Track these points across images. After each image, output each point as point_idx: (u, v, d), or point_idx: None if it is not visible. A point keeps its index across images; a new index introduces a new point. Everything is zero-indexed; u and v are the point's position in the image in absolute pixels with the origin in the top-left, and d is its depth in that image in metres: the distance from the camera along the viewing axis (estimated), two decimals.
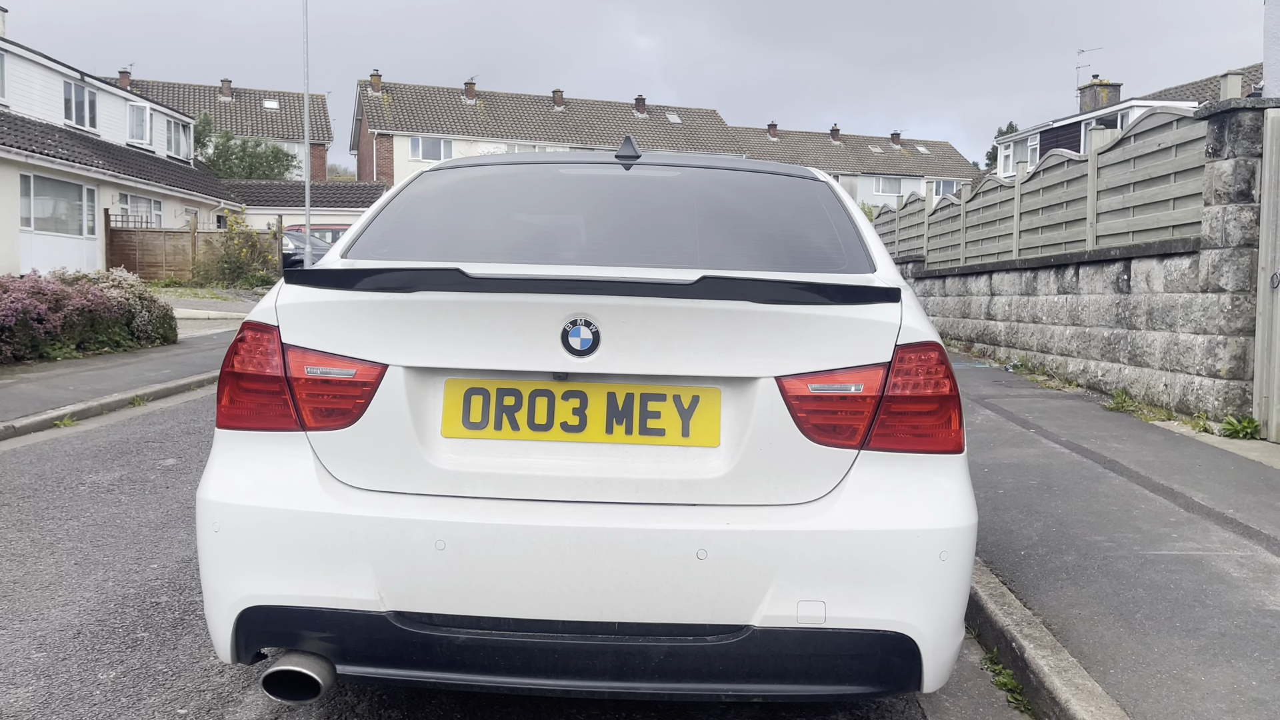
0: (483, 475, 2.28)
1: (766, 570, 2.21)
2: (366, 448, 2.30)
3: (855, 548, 2.24)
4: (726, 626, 2.23)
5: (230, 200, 34.77)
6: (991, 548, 4.20)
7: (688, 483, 2.27)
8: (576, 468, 2.28)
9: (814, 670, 2.27)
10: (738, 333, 2.26)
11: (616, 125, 58.68)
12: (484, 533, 2.20)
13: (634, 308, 2.25)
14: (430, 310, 2.27)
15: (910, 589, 2.26)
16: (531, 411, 2.31)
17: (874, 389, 2.29)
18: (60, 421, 7.48)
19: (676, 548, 2.20)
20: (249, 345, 2.39)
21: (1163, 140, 7.88)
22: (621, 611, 2.22)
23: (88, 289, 11.46)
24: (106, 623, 3.51)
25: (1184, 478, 5.41)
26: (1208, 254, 6.98)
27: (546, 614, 2.22)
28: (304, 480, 2.30)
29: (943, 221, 15.04)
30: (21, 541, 4.47)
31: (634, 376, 2.30)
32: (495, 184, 3.32)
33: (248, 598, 2.29)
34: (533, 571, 2.20)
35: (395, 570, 2.22)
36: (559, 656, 2.25)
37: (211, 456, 2.46)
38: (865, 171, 66.09)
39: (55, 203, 24.33)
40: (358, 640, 2.26)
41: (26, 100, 24.85)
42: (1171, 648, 3.14)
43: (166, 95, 51.00)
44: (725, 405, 2.31)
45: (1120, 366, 8.31)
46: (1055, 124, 38.90)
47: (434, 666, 2.27)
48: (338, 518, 2.24)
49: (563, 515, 2.23)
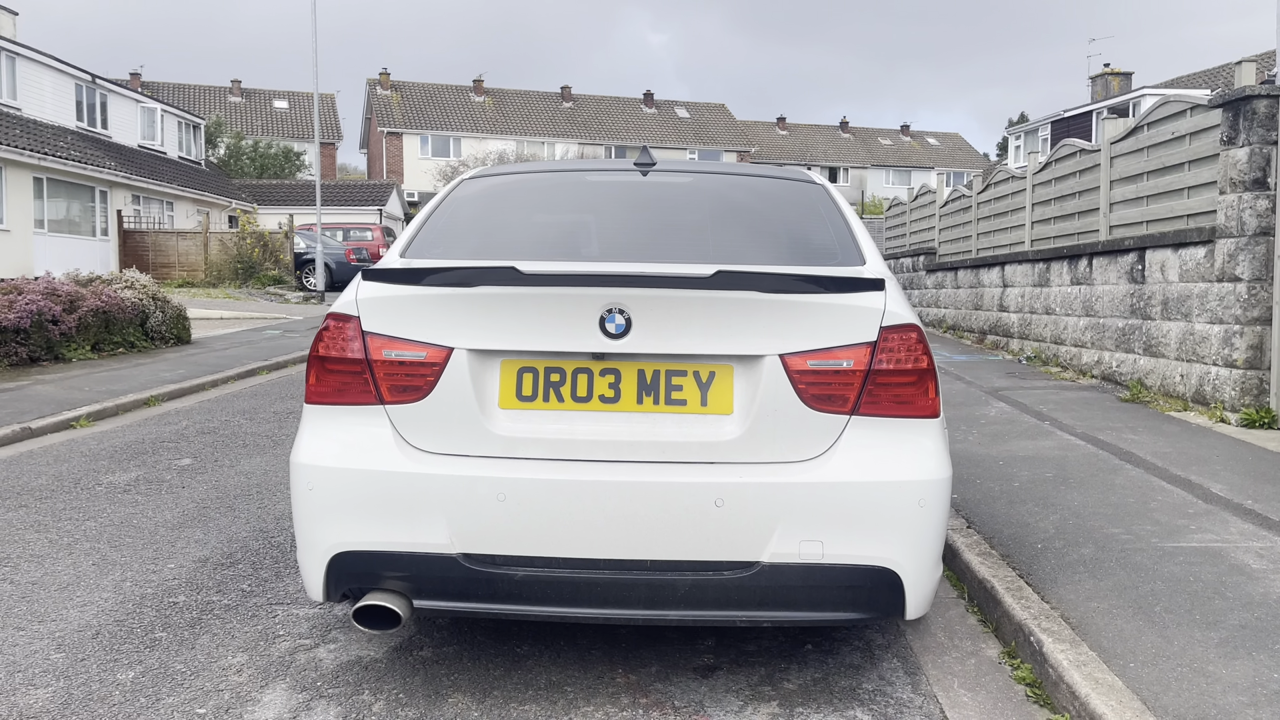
0: (534, 439, 2.69)
1: (773, 516, 2.63)
2: (436, 418, 2.71)
3: (847, 496, 2.65)
4: (740, 563, 2.65)
5: (242, 200, 34.88)
6: (1008, 541, 4.17)
7: (706, 444, 2.68)
8: (613, 432, 2.69)
9: (814, 599, 2.70)
10: (747, 318, 2.68)
11: (625, 120, 58.60)
12: (537, 487, 2.63)
13: (660, 298, 2.66)
14: (488, 301, 2.68)
15: (894, 531, 2.67)
16: (574, 386, 2.72)
17: (862, 364, 2.70)
18: (76, 422, 7.52)
19: (698, 498, 2.62)
20: (333, 333, 2.80)
21: (1176, 129, 7.81)
22: (653, 551, 2.64)
23: (102, 290, 11.52)
24: (125, 623, 3.53)
25: (1201, 469, 5.37)
26: (1223, 243, 6.92)
27: (590, 554, 2.64)
28: (384, 445, 2.71)
29: (954, 213, 14.96)
30: (40, 542, 4.49)
31: (660, 356, 2.71)
32: (528, 190, 3.81)
33: (338, 545, 2.71)
34: (578, 519, 2.62)
35: (463, 519, 2.65)
36: (601, 589, 2.68)
37: (302, 427, 2.86)
38: (875, 164, 65.81)
39: (68, 204, 24.46)
40: (432, 578, 2.70)
41: (38, 103, 24.97)
42: (1192, 640, 3.12)
43: (177, 96, 51.19)
44: (737, 379, 2.71)
45: (1135, 357, 8.25)
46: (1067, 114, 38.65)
47: (496, 599, 2.70)
48: (414, 476, 2.67)
49: (602, 472, 2.65)
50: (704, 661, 3.24)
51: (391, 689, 3.02)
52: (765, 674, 3.15)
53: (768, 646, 3.36)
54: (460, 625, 3.51)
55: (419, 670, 3.16)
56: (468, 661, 3.22)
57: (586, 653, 3.28)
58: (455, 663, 3.22)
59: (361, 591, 2.76)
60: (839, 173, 65.48)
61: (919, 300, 16.32)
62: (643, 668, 3.17)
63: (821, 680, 3.11)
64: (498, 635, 3.43)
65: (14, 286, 10.53)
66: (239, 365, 10.67)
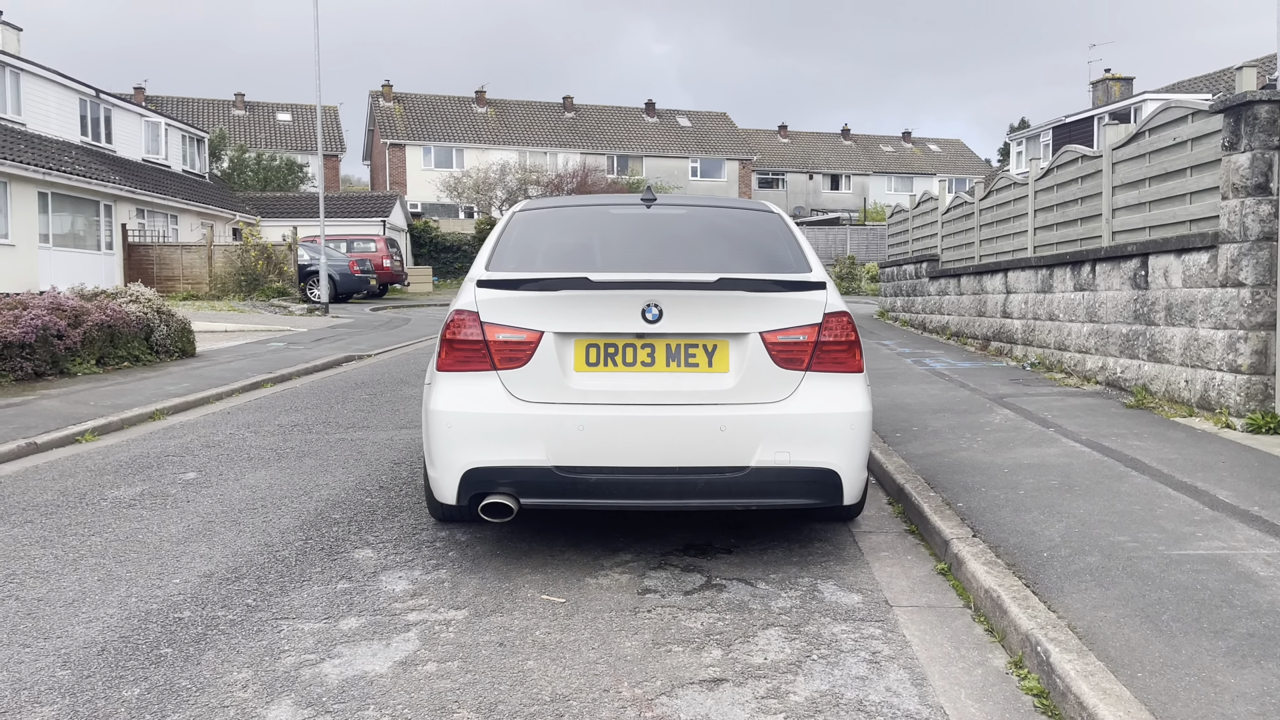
0: (599, 391, 3.98)
1: (757, 436, 3.94)
2: (533, 378, 3.97)
3: (804, 423, 3.98)
4: (737, 467, 3.93)
5: (245, 213, 34.98)
6: (1014, 549, 4.16)
7: (712, 391, 3.99)
8: (650, 385, 3.99)
9: (784, 490, 4.00)
10: (738, 308, 4.01)
11: (627, 130, 58.69)
12: (603, 421, 3.92)
13: (681, 296, 3.96)
14: (567, 300, 3.99)
15: (834, 445, 4.00)
16: (624, 355, 4.01)
17: (812, 337, 4.04)
18: (82, 437, 7.54)
19: (708, 426, 3.93)
20: (459, 323, 4.07)
21: (1178, 134, 7.81)
22: (679, 461, 3.93)
23: (106, 304, 11.55)
24: (130, 639, 3.53)
25: (1207, 475, 5.35)
26: (1226, 248, 6.91)
27: (639, 463, 3.92)
28: (498, 397, 3.98)
29: (956, 220, 14.96)
30: (45, 558, 4.50)
31: (681, 334, 3.99)
32: (565, 219, 5.14)
33: (469, 463, 3.95)
34: (630, 441, 3.92)
35: (555, 443, 3.91)
36: (646, 487, 3.96)
37: (437, 388, 4.10)
38: (877, 170, 65.84)
39: (73, 219, 24.54)
40: (533, 483, 3.94)
41: (43, 118, 25.08)
42: (1199, 649, 3.10)
43: (181, 110, 51.39)
44: (732, 349, 4.03)
45: (1140, 363, 8.23)
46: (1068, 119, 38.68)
47: (577, 496, 3.94)
48: (520, 416, 3.95)
49: (644, 411, 3.96)
50: (709, 674, 3.23)
51: (396, 704, 3.01)
52: (771, 687, 3.14)
53: (774, 660, 3.35)
54: (463, 641, 3.51)
55: (423, 686, 3.15)
56: (471, 677, 3.22)
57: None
58: (459, 677, 3.21)
59: (482, 495, 3.96)
60: (841, 179, 65.51)
61: (922, 307, 16.30)
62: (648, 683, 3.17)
63: (828, 692, 3.10)
64: (502, 650, 3.43)
65: (19, 301, 10.56)
66: (243, 378, 10.69)
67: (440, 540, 4.76)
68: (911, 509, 5.08)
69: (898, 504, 5.39)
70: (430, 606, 3.86)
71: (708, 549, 4.59)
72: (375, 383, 10.83)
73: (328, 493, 5.73)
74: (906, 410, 7.84)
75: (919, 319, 16.45)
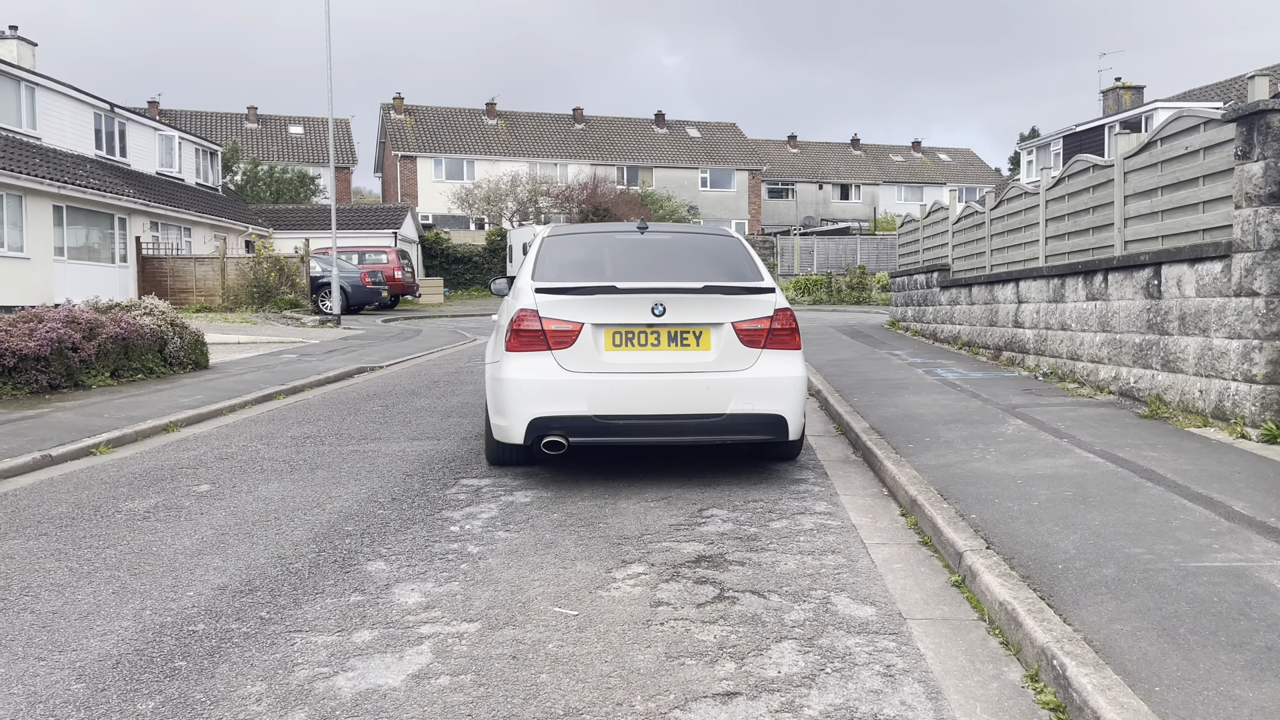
0: (622, 363, 5.70)
1: (731, 393, 5.67)
2: (576, 355, 5.68)
3: (762, 384, 5.70)
4: (717, 414, 5.68)
5: (258, 225, 35.18)
6: (1029, 561, 4.14)
7: (700, 363, 5.73)
8: (657, 359, 5.72)
9: (749, 429, 5.77)
10: (717, 305, 5.78)
11: (636, 141, 58.85)
12: (626, 384, 5.65)
13: (678, 298, 5.71)
14: (600, 301, 5.72)
15: (782, 399, 5.75)
16: (639, 339, 5.74)
17: (767, 326, 5.81)
18: (96, 449, 7.58)
19: (697, 386, 5.67)
20: (522, 318, 5.75)
21: (1190, 143, 7.79)
22: (678, 409, 5.68)
23: (120, 317, 11.63)
24: (144, 652, 3.54)
25: (1223, 486, 5.32)
26: (1240, 257, 6.88)
27: (651, 411, 5.67)
28: (552, 368, 5.68)
29: (967, 229, 14.93)
30: (60, 571, 4.52)
31: (678, 324, 5.73)
32: (582, 241, 6.94)
33: (532, 414, 5.64)
34: (645, 397, 5.65)
35: (593, 399, 5.62)
36: (655, 427, 5.73)
37: (506, 363, 5.76)
38: (886, 180, 65.80)
39: (88, 232, 24.74)
40: (579, 427, 5.66)
41: (58, 132, 25.31)
42: (1217, 663, 3.08)
43: (194, 123, 51.79)
44: (713, 334, 5.76)
45: (1153, 373, 8.19)
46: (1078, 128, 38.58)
47: (609, 435, 5.70)
48: (568, 381, 5.65)
49: (654, 376, 5.67)
50: (723, 688, 3.22)
51: (409, 718, 3.01)
52: (785, 701, 3.13)
53: (788, 674, 3.34)
54: (476, 654, 3.51)
55: (436, 699, 3.15)
56: (484, 691, 3.22)
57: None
58: (472, 690, 3.21)
59: (543, 436, 5.68)
60: (850, 189, 65.49)
61: (933, 317, 16.26)
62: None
63: (842, 706, 3.09)
64: (515, 663, 3.42)
65: (34, 315, 10.64)
66: (256, 390, 10.73)
67: (452, 553, 4.76)
68: (925, 520, 5.06)
69: (911, 515, 5.37)
70: (443, 619, 3.86)
71: (720, 561, 4.58)
72: (387, 394, 10.86)
73: (340, 505, 5.74)
74: (919, 421, 7.81)
75: (930, 329, 16.41)
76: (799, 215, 63.00)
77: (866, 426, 7.63)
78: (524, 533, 5.10)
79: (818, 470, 6.67)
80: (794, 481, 6.29)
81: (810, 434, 8.03)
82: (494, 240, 43.60)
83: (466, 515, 5.48)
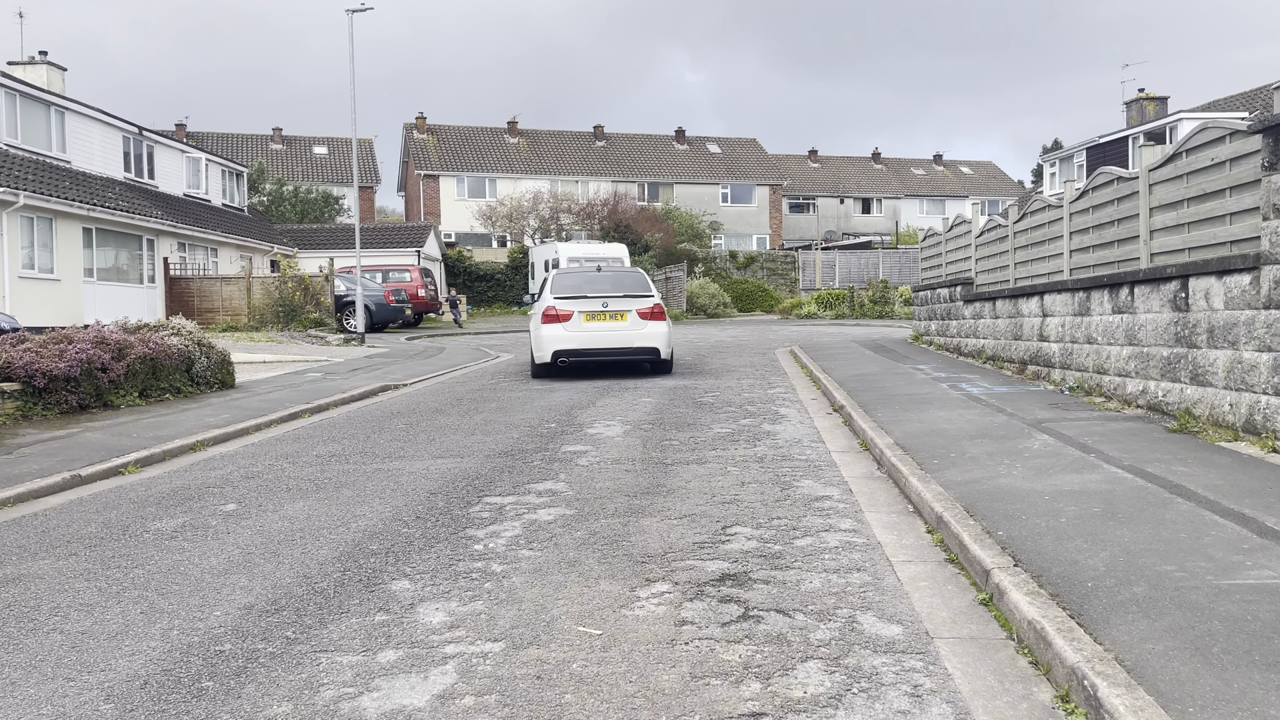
0: (591, 327, 14.13)
1: (636, 338, 14.24)
2: (571, 325, 14.05)
3: (648, 335, 14.22)
4: (630, 346, 14.25)
5: (283, 245, 35.56)
6: (1057, 579, 4.09)
7: (623, 327, 14.22)
8: (606, 325, 14.14)
9: (643, 354, 14.32)
10: (629, 302, 14.27)
11: (657, 157, 59.04)
12: (592, 336, 14.14)
13: (614, 299, 14.28)
14: (580, 301, 14.17)
15: (656, 340, 14.34)
16: (599, 318, 14.07)
17: (650, 310, 14.32)
18: (125, 469, 7.66)
19: (623, 336, 14.21)
20: (550, 309, 14.06)
21: (1216, 155, 7.71)
22: (614, 345, 14.21)
23: (149, 337, 11.77)
24: (172, 672, 3.57)
25: (1255, 501, 5.24)
26: (1269, 269, 6.80)
27: (602, 347, 14.16)
28: (561, 330, 14.05)
29: (991, 243, 14.85)
30: (89, 591, 4.57)
31: (613, 310, 14.14)
32: (572, 276, 15.40)
33: (554, 348, 14.07)
34: (600, 341, 14.14)
35: (579, 343, 14.08)
36: (605, 353, 14.23)
37: (542, 329, 14.17)
38: (908, 194, 65.59)
39: (116, 253, 25.09)
40: (573, 354, 14.15)
41: (88, 155, 25.74)
42: (1252, 683, 3.02)
43: (220, 145, 52.51)
44: (628, 315, 14.19)
45: (1182, 386, 8.09)
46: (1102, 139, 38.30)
47: (586, 358, 14.29)
48: (569, 336, 14.07)
49: (604, 333, 14.17)
50: (748, 708, 3.20)
51: None
52: None
53: (815, 694, 3.31)
54: (500, 674, 3.50)
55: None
56: (509, 711, 3.21)
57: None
58: (497, 711, 3.21)
59: (559, 358, 14.03)
60: (872, 203, 65.34)
61: (956, 331, 16.17)
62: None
63: None
64: (539, 683, 3.41)
65: (64, 336, 10.79)
66: (282, 409, 10.82)
67: (476, 571, 4.77)
68: (951, 537, 5.01)
69: (936, 532, 5.33)
70: (467, 639, 3.86)
71: (745, 580, 4.56)
72: (411, 412, 10.91)
73: (365, 523, 5.77)
74: (944, 437, 7.76)
75: (954, 343, 16.30)
76: (820, 229, 62.88)
77: (891, 442, 7.58)
78: (547, 551, 5.11)
79: (842, 487, 6.63)
80: (818, 498, 6.26)
81: (834, 450, 8.00)
82: (516, 257, 43.82)
83: (490, 534, 5.49)
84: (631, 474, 7.11)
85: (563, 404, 11.31)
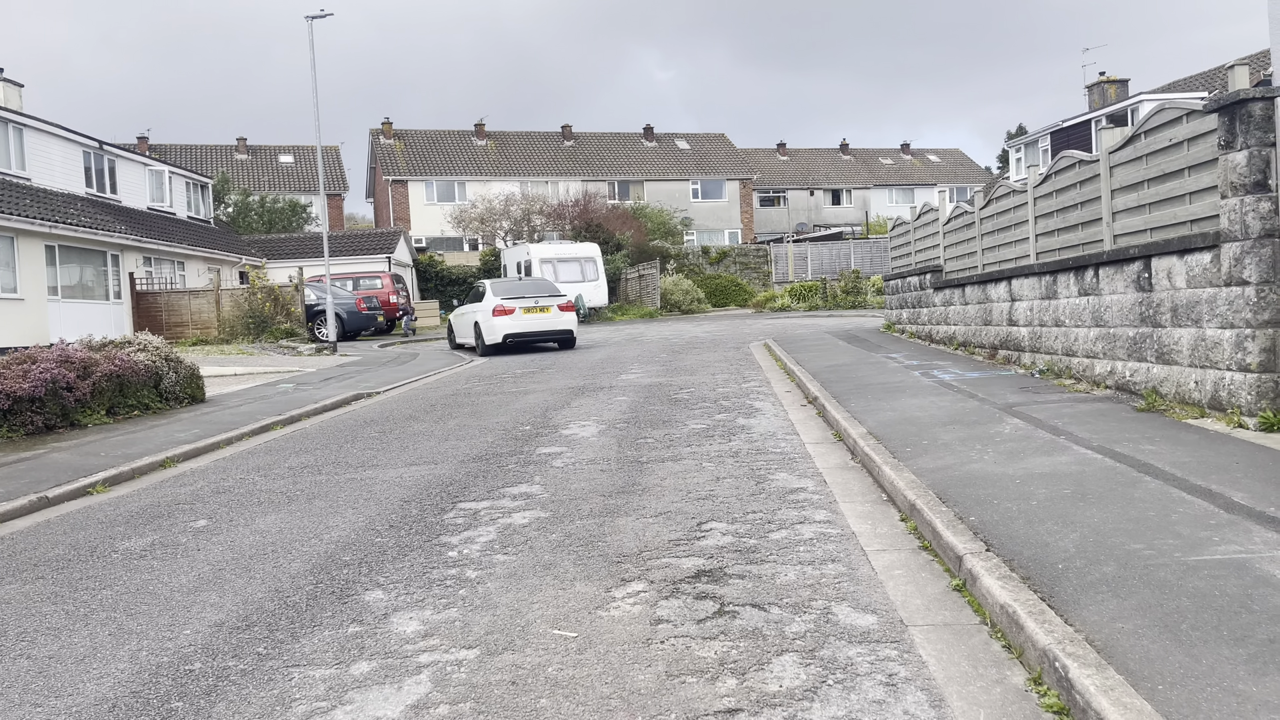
0: (527, 318, 20.51)
1: (557, 325, 20.88)
2: (514, 316, 20.30)
3: (564, 321, 20.93)
4: (553, 329, 20.87)
5: (251, 255, 35.21)
6: (1028, 562, 4.12)
7: (550, 317, 20.77)
8: (538, 315, 20.62)
9: (560, 336, 21.06)
10: (551, 300, 20.93)
11: (626, 156, 58.98)
12: (529, 324, 20.52)
13: (541, 298, 21.01)
14: (519, 300, 20.65)
15: (570, 325, 21.03)
16: (534, 310, 20.55)
17: (565, 307, 21.01)
18: (93, 489, 7.55)
19: (549, 323, 20.78)
20: (499, 307, 20.28)
21: (1174, 135, 7.80)
22: (543, 328, 20.79)
23: (115, 354, 11.61)
24: (140, 694, 3.51)
25: (1221, 477, 5.30)
26: (1228, 247, 6.88)
27: (535, 330, 20.67)
28: (507, 318, 20.26)
29: (958, 230, 14.95)
30: (56, 614, 4.49)
31: (542, 305, 20.69)
32: (510, 284, 22.22)
33: (503, 332, 20.16)
34: (534, 327, 20.62)
35: (520, 327, 20.42)
36: (538, 336, 20.85)
37: (493, 320, 20.24)
38: (877, 183, 65.95)
39: (81, 270, 24.75)
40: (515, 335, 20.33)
41: (48, 171, 25.36)
42: (1220, 658, 3.06)
43: (184, 157, 51.90)
44: (551, 309, 20.73)
45: (1148, 366, 8.18)
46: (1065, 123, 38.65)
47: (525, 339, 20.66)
48: (513, 322, 20.33)
49: (538, 321, 20.65)
50: (724, 705, 3.20)
51: None
52: (787, 715, 3.10)
53: (790, 688, 3.31)
54: (475, 681, 3.48)
55: None
56: (484, 719, 3.19)
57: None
58: (471, 718, 3.18)
59: (508, 339, 20.15)
60: (841, 194, 65.63)
61: (928, 318, 16.27)
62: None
63: (845, 718, 3.06)
64: (514, 689, 3.39)
65: (28, 355, 10.62)
66: (253, 422, 10.71)
67: (450, 578, 4.74)
68: (924, 525, 5.04)
69: (910, 520, 5.35)
70: (442, 647, 3.83)
71: (720, 575, 4.56)
72: (384, 420, 10.84)
73: (338, 534, 5.72)
74: (915, 424, 7.80)
75: (925, 330, 16.41)
76: (791, 222, 63.09)
77: (864, 432, 7.61)
78: (522, 555, 5.08)
79: (816, 478, 6.65)
80: (793, 491, 6.27)
81: (808, 441, 8.02)
82: (488, 260, 43.64)
83: (464, 540, 5.45)
84: (607, 474, 7.10)
85: (537, 406, 11.27)
